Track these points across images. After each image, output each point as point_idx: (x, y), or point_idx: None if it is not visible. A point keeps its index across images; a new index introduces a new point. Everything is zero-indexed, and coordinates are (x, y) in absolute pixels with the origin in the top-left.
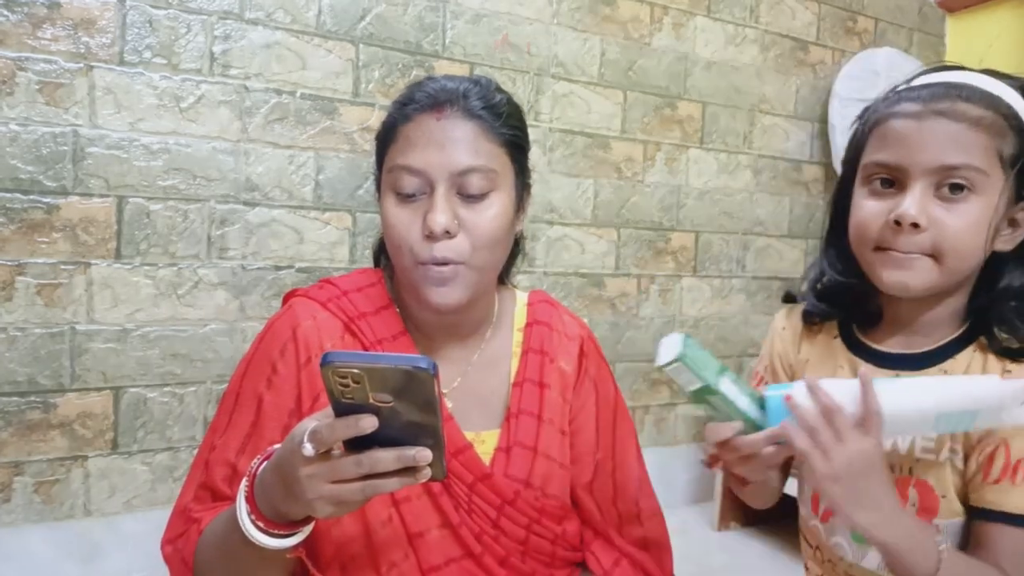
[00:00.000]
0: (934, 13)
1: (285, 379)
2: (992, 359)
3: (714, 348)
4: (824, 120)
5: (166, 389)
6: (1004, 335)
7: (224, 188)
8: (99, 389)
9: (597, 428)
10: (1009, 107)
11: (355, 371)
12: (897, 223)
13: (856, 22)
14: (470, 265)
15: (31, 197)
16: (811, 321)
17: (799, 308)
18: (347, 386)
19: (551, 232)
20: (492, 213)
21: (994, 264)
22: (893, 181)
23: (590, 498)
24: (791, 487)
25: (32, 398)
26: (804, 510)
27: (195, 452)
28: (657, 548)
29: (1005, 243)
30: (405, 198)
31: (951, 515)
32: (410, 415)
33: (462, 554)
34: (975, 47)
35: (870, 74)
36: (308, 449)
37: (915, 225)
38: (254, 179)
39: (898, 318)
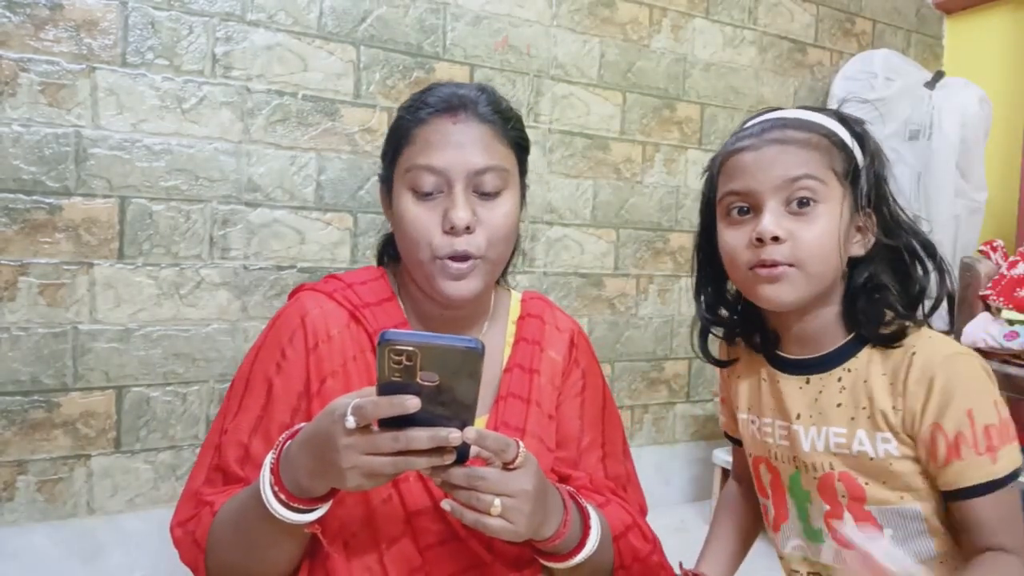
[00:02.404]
0: (932, 15)
1: (294, 364)
2: (877, 352)
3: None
4: None
5: (169, 388)
6: (871, 325)
7: (226, 189)
8: (102, 388)
9: (583, 416)
10: (830, 130)
11: (410, 349)
12: (760, 240)
13: (854, 24)
14: (487, 259)
15: (34, 198)
16: (730, 338)
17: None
18: (399, 364)
19: (551, 232)
20: (506, 209)
21: (853, 270)
22: (748, 208)
23: (578, 470)
24: None
25: (35, 397)
26: (765, 523)
27: (198, 451)
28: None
29: (858, 248)
30: (423, 196)
31: (878, 502)
32: (449, 395)
33: (453, 535)
34: (973, 49)
35: (868, 75)
36: (351, 421)
37: (775, 239)
38: (256, 180)
39: (790, 333)
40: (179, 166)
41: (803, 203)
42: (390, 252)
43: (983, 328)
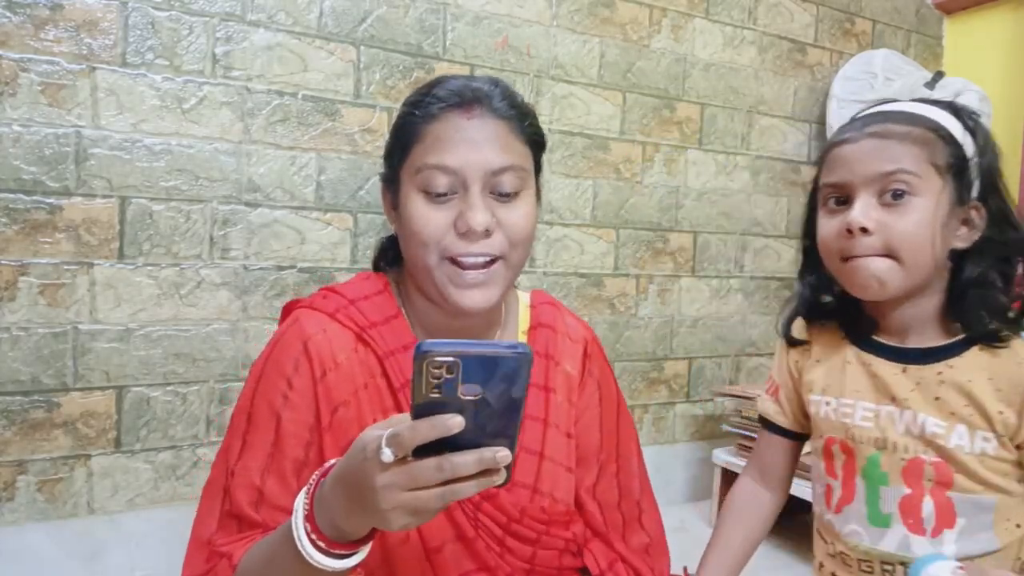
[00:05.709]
0: (932, 15)
1: (302, 395)
2: (985, 354)
3: (712, 348)
4: (822, 121)
5: (169, 388)
6: (978, 324)
7: (226, 189)
8: (102, 388)
9: (601, 429)
10: (936, 122)
11: (451, 360)
12: (849, 231)
13: (854, 24)
14: (507, 263)
15: (34, 198)
16: (814, 319)
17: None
18: (439, 378)
19: (551, 232)
20: (525, 211)
21: (961, 263)
22: (845, 199)
23: (593, 501)
24: (795, 489)
25: (35, 397)
26: (818, 508)
27: (198, 451)
28: (656, 553)
29: (962, 241)
30: (436, 197)
31: (962, 490)
32: (494, 409)
33: (476, 567)
34: (972, 49)
35: (868, 76)
36: (387, 454)
37: (864, 230)
38: (256, 180)
39: (887, 322)
40: (179, 166)
41: (897, 195)
42: (388, 258)
43: None
